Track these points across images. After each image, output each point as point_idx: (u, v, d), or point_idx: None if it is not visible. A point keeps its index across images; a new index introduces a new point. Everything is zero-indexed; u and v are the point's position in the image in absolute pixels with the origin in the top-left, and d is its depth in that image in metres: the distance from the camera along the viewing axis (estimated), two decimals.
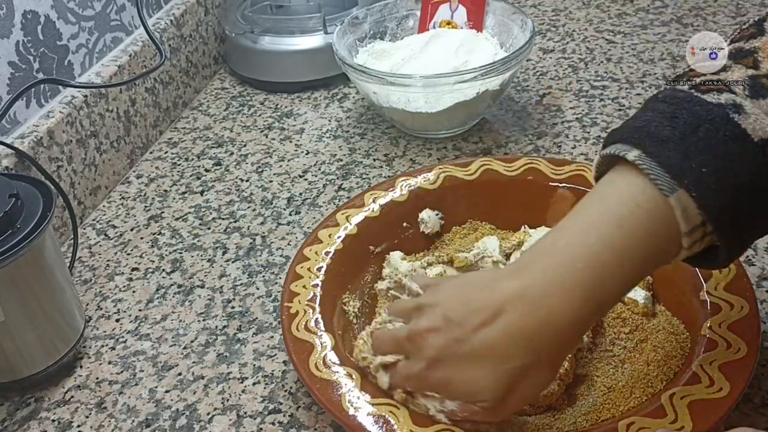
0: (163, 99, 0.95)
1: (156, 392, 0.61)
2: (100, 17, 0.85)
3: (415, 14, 0.96)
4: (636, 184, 0.44)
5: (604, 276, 0.45)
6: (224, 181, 0.85)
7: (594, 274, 0.45)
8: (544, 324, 0.45)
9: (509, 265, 0.53)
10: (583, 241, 0.45)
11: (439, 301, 0.50)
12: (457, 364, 0.48)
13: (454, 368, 0.48)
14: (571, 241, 0.46)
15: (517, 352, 0.46)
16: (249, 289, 0.70)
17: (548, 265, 0.46)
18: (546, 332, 0.46)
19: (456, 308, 0.48)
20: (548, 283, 0.46)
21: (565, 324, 0.45)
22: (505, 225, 0.71)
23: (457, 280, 0.55)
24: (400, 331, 0.52)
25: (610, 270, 0.45)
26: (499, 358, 0.46)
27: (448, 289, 0.52)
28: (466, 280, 0.54)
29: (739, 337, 0.53)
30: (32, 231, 0.56)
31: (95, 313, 0.69)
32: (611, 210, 0.45)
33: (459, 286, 0.52)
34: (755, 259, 0.67)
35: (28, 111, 0.75)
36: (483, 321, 0.46)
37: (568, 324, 0.45)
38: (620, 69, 0.99)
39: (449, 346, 0.48)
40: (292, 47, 1.00)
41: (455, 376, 0.48)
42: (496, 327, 0.46)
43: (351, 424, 0.51)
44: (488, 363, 0.47)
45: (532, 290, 0.46)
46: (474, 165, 0.73)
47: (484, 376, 0.47)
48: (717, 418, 0.48)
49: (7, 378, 0.60)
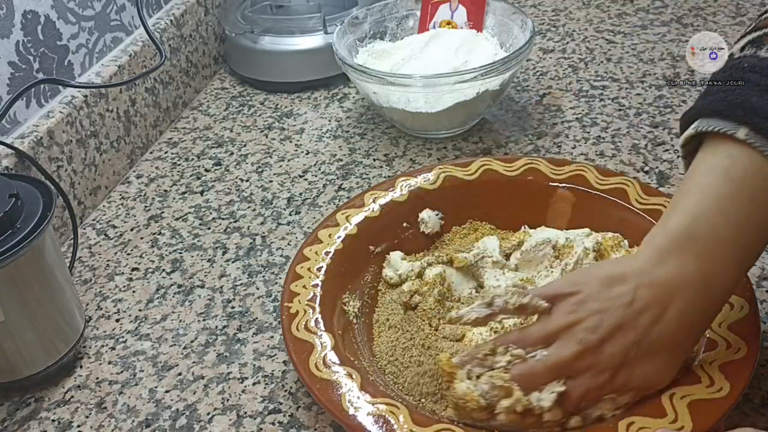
0: (163, 99, 0.95)
1: (156, 392, 0.61)
2: (100, 17, 0.85)
3: (415, 14, 0.96)
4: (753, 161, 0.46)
5: (748, 248, 0.48)
6: (224, 181, 0.85)
7: (742, 249, 0.48)
8: (712, 303, 0.49)
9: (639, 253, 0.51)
10: (725, 221, 0.47)
11: (595, 311, 0.49)
12: (638, 363, 0.49)
13: (634, 368, 0.49)
14: (713, 222, 0.47)
15: (689, 337, 0.50)
16: (249, 289, 0.70)
17: (700, 251, 0.48)
18: (714, 310, 0.50)
19: (619, 313, 0.49)
20: (706, 266, 0.48)
21: (725, 297, 0.50)
22: (505, 225, 0.71)
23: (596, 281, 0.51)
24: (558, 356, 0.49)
25: (753, 242, 0.48)
26: (675, 346, 0.49)
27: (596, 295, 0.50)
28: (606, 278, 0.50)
29: (739, 337, 0.53)
30: (32, 231, 0.56)
31: (95, 313, 0.69)
32: (742, 188, 0.47)
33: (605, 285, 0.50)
34: None
35: (28, 111, 0.75)
36: (655, 318, 0.48)
37: (727, 296, 0.50)
38: (620, 69, 0.99)
39: (629, 350, 0.49)
40: (292, 47, 1.00)
41: (636, 374, 0.49)
42: (670, 319, 0.48)
43: (351, 424, 0.51)
44: (665, 353, 0.49)
45: (692, 277, 0.48)
46: (474, 165, 0.73)
47: (666, 365, 0.49)
48: (717, 418, 0.48)
49: (7, 378, 0.60)
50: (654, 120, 0.88)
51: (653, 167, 0.80)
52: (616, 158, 0.82)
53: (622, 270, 0.50)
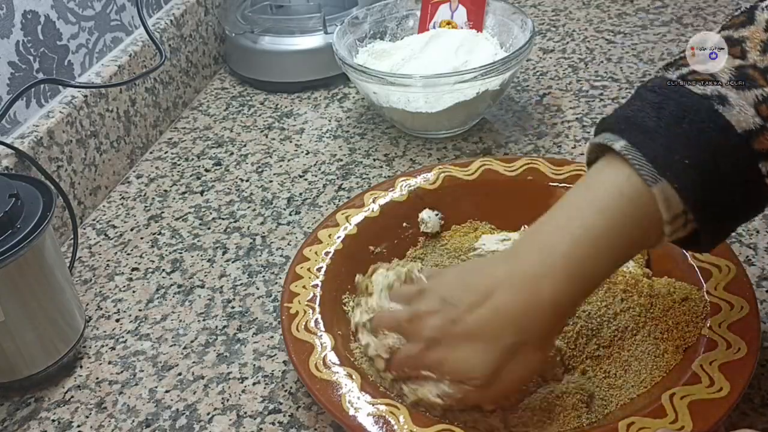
0: (163, 99, 0.95)
1: (156, 392, 0.61)
2: (100, 17, 0.85)
3: (415, 14, 0.96)
4: (621, 173, 0.46)
5: (585, 259, 0.47)
6: (224, 181, 0.85)
7: (576, 258, 0.47)
8: (531, 304, 0.48)
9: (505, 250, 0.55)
10: (567, 226, 0.47)
11: (439, 286, 0.53)
12: (451, 343, 0.50)
13: (448, 348, 0.50)
14: (556, 226, 0.48)
15: (505, 332, 0.48)
16: (249, 289, 0.70)
17: (535, 250, 0.49)
18: (533, 313, 0.48)
19: (453, 291, 0.51)
20: (534, 266, 0.48)
21: (550, 305, 0.48)
22: (504, 225, 0.71)
23: (458, 267, 0.58)
24: (401, 313, 0.54)
25: (592, 254, 0.47)
26: (490, 337, 0.49)
27: (448, 275, 0.55)
28: (465, 266, 0.57)
29: (739, 337, 0.53)
30: (32, 231, 0.56)
31: (95, 313, 0.69)
32: (596, 197, 0.47)
33: (458, 271, 0.56)
34: (755, 259, 0.67)
35: (28, 111, 0.75)
36: (475, 301, 0.49)
37: (554, 304, 0.48)
38: (620, 69, 0.99)
39: (445, 326, 0.50)
40: (292, 47, 1.00)
41: (449, 355, 0.50)
42: (487, 307, 0.49)
43: (351, 424, 0.51)
44: (480, 342, 0.49)
45: (519, 273, 0.49)
46: (474, 165, 0.73)
47: (475, 354, 0.49)
48: (717, 418, 0.48)
49: (7, 378, 0.60)
50: None
51: None
52: None
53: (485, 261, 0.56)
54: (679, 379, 0.51)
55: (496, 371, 0.49)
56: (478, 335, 0.49)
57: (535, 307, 0.48)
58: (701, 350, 0.53)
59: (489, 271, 0.51)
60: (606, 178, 0.47)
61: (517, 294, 0.48)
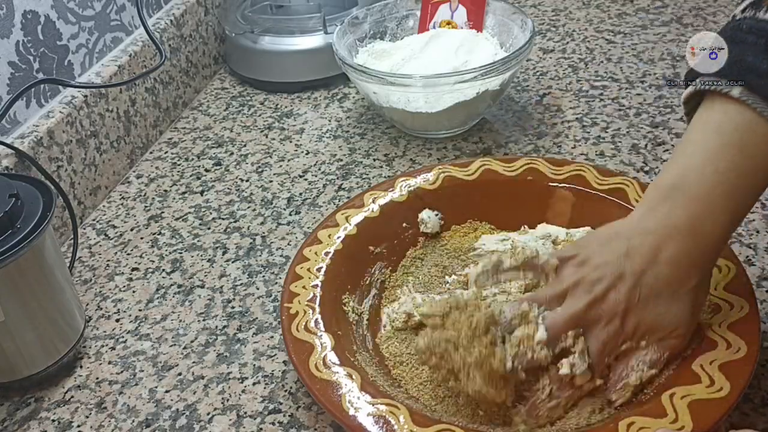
0: (163, 99, 0.95)
1: (156, 392, 0.61)
2: (100, 17, 0.85)
3: (415, 14, 0.96)
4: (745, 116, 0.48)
5: (738, 195, 0.50)
6: (224, 181, 0.85)
7: (732, 196, 0.50)
8: (703, 246, 0.51)
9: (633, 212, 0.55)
10: (713, 170, 0.50)
11: (597, 266, 0.53)
12: (643, 307, 0.51)
13: (641, 312, 0.51)
14: (702, 172, 0.50)
15: (687, 276, 0.51)
16: (249, 289, 0.70)
17: (688, 198, 0.51)
18: (706, 252, 0.52)
19: (619, 263, 0.52)
20: (696, 214, 0.50)
21: (718, 242, 0.52)
22: (504, 225, 0.71)
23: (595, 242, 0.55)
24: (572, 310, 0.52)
25: (743, 189, 0.50)
26: (677, 286, 0.51)
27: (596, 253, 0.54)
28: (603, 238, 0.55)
29: (739, 337, 0.53)
30: (32, 231, 0.56)
31: (95, 313, 0.69)
32: (732, 140, 0.49)
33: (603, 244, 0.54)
34: (755, 259, 0.67)
35: (28, 111, 0.75)
36: (648, 262, 0.51)
37: (720, 241, 0.52)
38: (620, 69, 0.99)
39: (631, 295, 0.51)
40: (292, 47, 1.00)
41: (645, 317, 0.52)
42: (662, 262, 0.51)
43: (351, 424, 0.51)
44: (669, 296, 0.51)
45: (681, 222, 0.51)
46: (474, 165, 0.73)
47: (669, 308, 0.52)
48: (717, 418, 0.48)
49: (7, 378, 0.60)
50: (654, 120, 0.88)
51: (653, 167, 0.80)
52: (616, 158, 0.82)
53: (616, 228, 0.55)
54: (679, 379, 0.51)
55: (694, 314, 0.52)
56: (663, 289, 0.51)
57: (706, 248, 0.51)
58: (701, 350, 0.53)
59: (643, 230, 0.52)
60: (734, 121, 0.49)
61: (688, 242, 0.51)
